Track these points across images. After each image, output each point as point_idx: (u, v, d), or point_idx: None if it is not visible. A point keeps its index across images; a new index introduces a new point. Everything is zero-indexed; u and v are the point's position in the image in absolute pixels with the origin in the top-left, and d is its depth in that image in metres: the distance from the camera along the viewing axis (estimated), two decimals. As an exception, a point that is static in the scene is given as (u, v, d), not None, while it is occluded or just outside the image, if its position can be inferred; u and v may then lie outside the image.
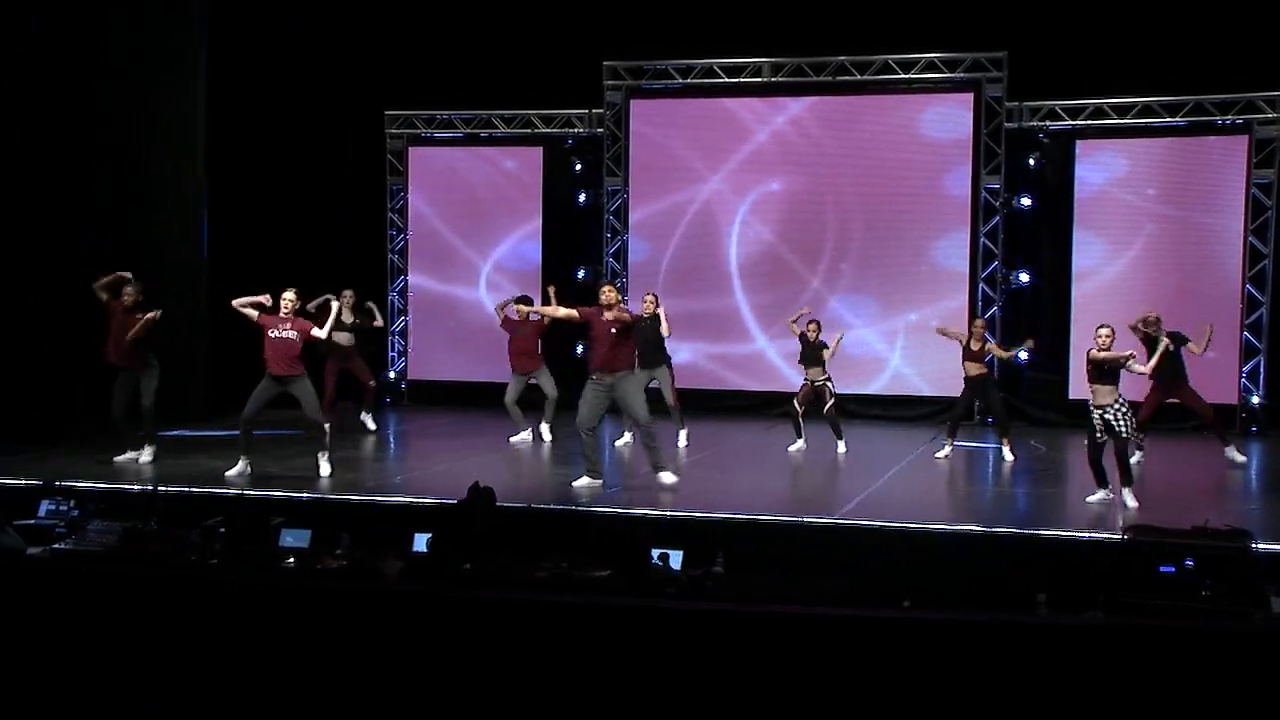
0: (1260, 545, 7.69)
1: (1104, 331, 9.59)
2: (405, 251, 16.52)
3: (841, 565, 8.33)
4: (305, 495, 9.60)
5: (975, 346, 11.89)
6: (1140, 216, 14.24)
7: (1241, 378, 13.81)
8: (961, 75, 14.52)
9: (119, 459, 11.04)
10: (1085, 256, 14.40)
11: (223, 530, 8.28)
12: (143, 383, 11.06)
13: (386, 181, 16.47)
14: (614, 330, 9.98)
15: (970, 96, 14.52)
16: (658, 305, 12.23)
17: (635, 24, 15.05)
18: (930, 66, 14.58)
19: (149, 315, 11.01)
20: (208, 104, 14.18)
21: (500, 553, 7.96)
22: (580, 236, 15.92)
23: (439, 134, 16.37)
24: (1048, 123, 14.43)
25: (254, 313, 10.60)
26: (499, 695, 4.08)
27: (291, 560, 8.20)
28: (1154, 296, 13.92)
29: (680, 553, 7.91)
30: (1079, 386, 13.87)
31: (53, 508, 9.02)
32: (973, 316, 13.84)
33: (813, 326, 12.30)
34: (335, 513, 9.25)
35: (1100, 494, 9.51)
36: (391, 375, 16.60)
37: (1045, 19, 13.98)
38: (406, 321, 16.59)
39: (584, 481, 10.00)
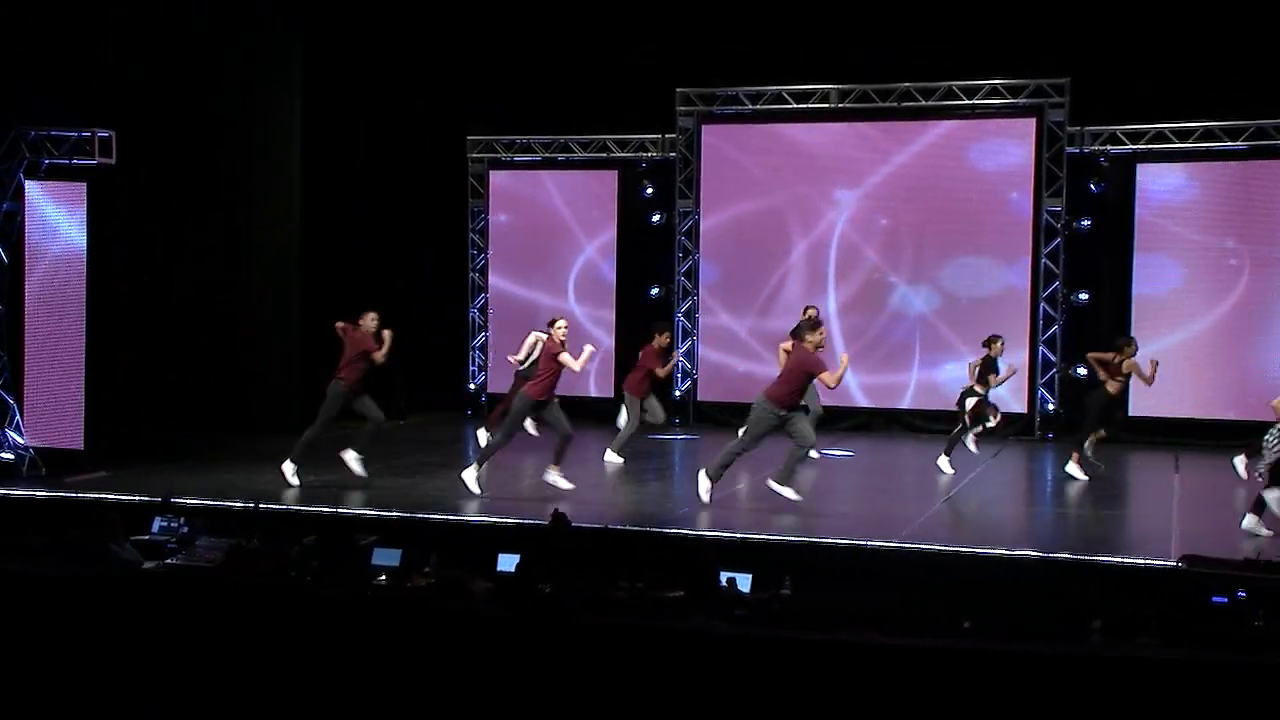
0: (1308, 575, 8.01)
1: None
2: (485, 270, 17.14)
3: (904, 587, 8.73)
4: (394, 514, 10.16)
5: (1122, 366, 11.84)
6: (1199, 239, 14.47)
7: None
8: (1024, 100, 14.82)
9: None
10: (1144, 278, 14.66)
11: (318, 548, 8.79)
12: (367, 403, 11.77)
13: (468, 203, 17.12)
14: (810, 374, 10.30)
15: (1033, 121, 14.83)
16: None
17: (707, 53, 15.61)
18: (994, 93, 14.90)
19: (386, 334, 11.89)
20: (303, 132, 14.93)
21: (580, 573, 8.46)
22: (653, 256, 16.45)
23: (518, 158, 16.98)
24: (1109, 147, 14.71)
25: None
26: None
27: (384, 578, 8.72)
28: (1212, 319, 14.20)
29: (749, 576, 8.37)
30: (1138, 403, 14.16)
31: (165, 524, 9.66)
32: (1035, 336, 14.17)
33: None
34: (423, 531, 9.80)
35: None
36: (472, 388, 17.25)
37: (1107, 44, 14.27)
38: (486, 337, 17.20)
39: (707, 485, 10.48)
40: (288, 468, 11.45)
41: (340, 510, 10.24)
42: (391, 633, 4.91)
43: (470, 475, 10.87)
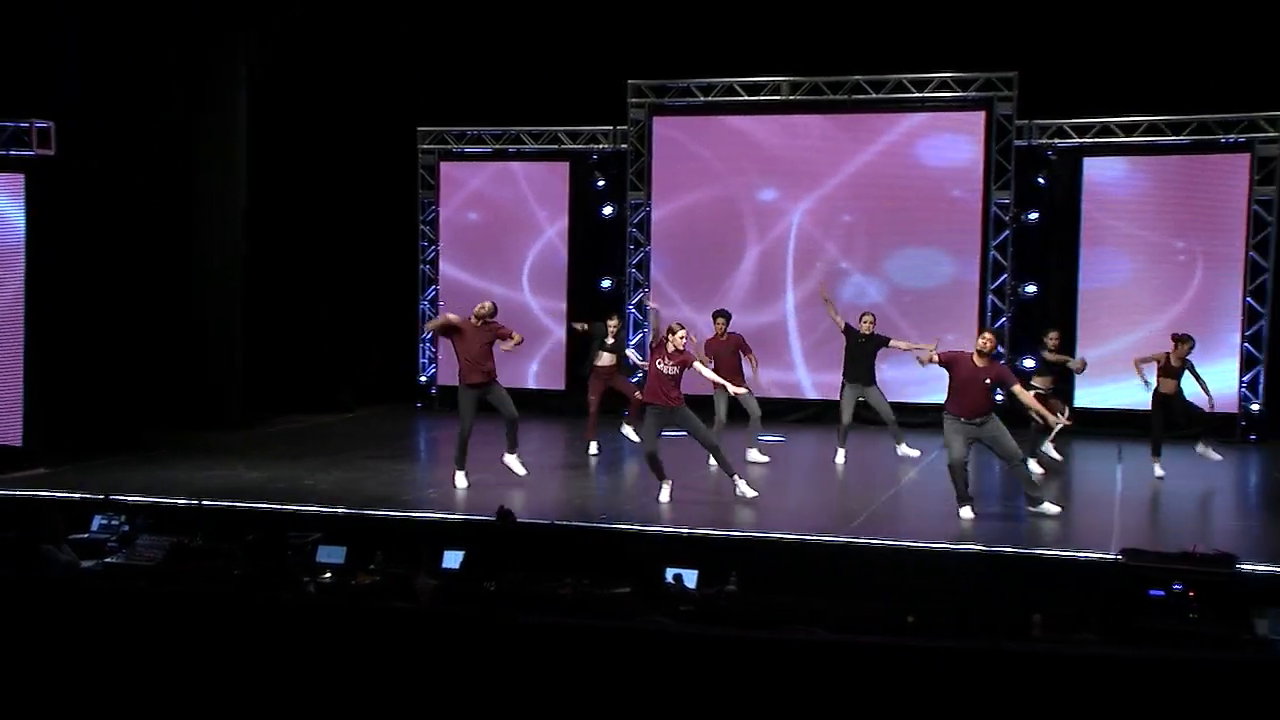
0: (1245, 567, 8.14)
1: None
2: (436, 262, 17.04)
3: (850, 581, 8.77)
4: (341, 510, 10.08)
5: (1175, 364, 11.81)
6: (1145, 231, 14.61)
7: (1242, 387, 14.23)
8: (973, 94, 14.90)
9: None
10: (1091, 270, 14.79)
11: (257, 545, 8.68)
12: (500, 395, 11.36)
13: (418, 195, 17.00)
14: (987, 380, 10.10)
15: (982, 115, 14.91)
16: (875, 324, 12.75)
17: (659, 44, 15.60)
18: (943, 86, 14.97)
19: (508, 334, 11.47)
20: (249, 123, 14.77)
21: (525, 570, 8.45)
22: (604, 248, 16.42)
23: (469, 149, 16.88)
24: (1056, 140, 14.83)
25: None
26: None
27: (329, 575, 8.66)
28: (1157, 309, 14.36)
29: (695, 572, 8.38)
30: (1086, 396, 14.34)
31: (105, 522, 9.56)
32: (982, 328, 14.27)
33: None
34: (370, 528, 9.74)
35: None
36: (422, 380, 17.15)
37: (1055, 40, 14.38)
38: (435, 329, 17.09)
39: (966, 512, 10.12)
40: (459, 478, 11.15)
41: (285, 507, 10.13)
42: (330, 634, 4.85)
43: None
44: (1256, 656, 6.16)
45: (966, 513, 9.97)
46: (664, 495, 10.49)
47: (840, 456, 12.71)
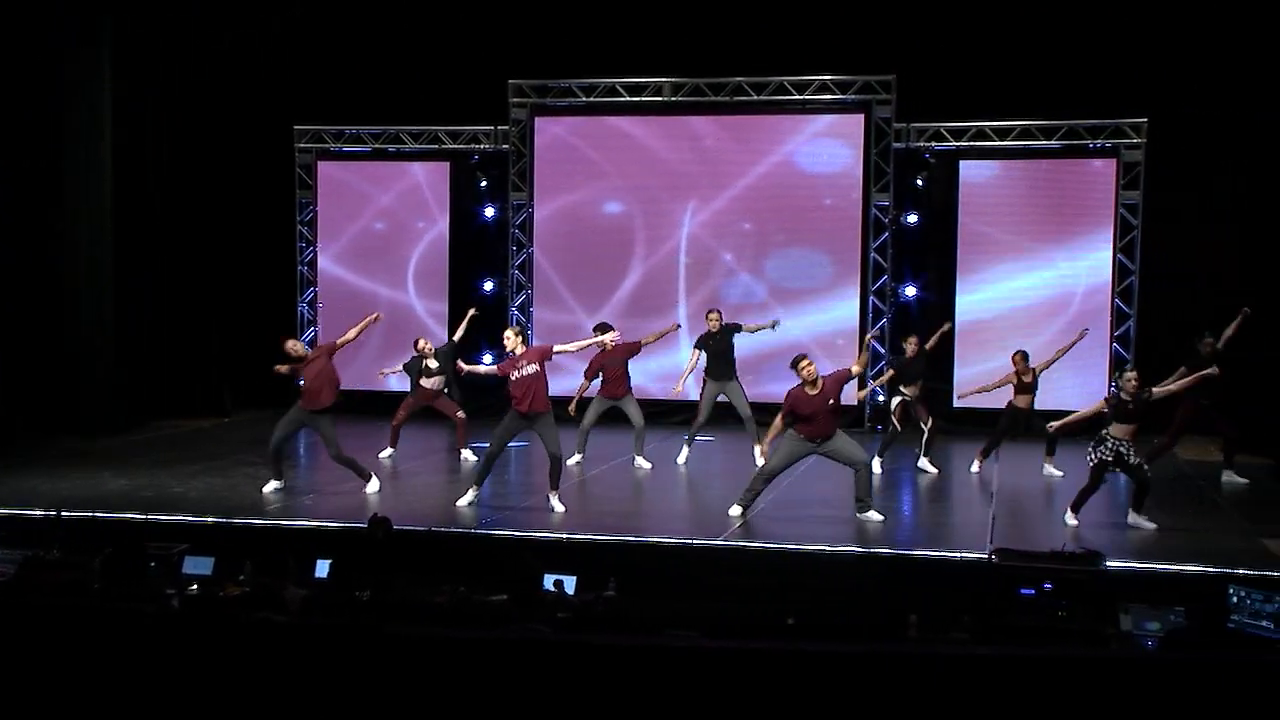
0: (1111, 564, 8.31)
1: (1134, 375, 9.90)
2: (314, 263, 16.68)
3: (730, 585, 8.76)
4: (209, 519, 9.77)
5: (1027, 379, 11.99)
6: (1019, 233, 14.92)
7: (1111, 386, 14.52)
8: (852, 97, 15.06)
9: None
10: (968, 271, 15.06)
11: (114, 558, 8.35)
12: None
13: (295, 195, 16.62)
14: (831, 401, 9.96)
15: (861, 117, 15.08)
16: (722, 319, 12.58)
17: (540, 44, 15.47)
18: (823, 88, 15.11)
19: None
20: (114, 120, 14.26)
21: (401, 577, 8.27)
22: (486, 250, 16.25)
23: (347, 149, 16.55)
24: (934, 143, 15.05)
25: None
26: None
27: (195, 587, 8.37)
28: (1031, 309, 14.67)
29: (574, 578, 8.28)
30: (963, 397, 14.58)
31: (-47, 535, 9.12)
32: (863, 330, 14.46)
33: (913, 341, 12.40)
34: (240, 537, 9.45)
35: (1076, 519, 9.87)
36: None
37: (932, 44, 14.60)
38: (316, 332, 16.74)
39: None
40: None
41: (150, 517, 9.79)
42: (188, 647, 4.67)
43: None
44: (1114, 653, 6.27)
45: (735, 511, 10.02)
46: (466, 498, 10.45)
47: (683, 455, 12.61)
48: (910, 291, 15.26)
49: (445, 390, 12.98)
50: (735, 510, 10.01)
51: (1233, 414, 11.70)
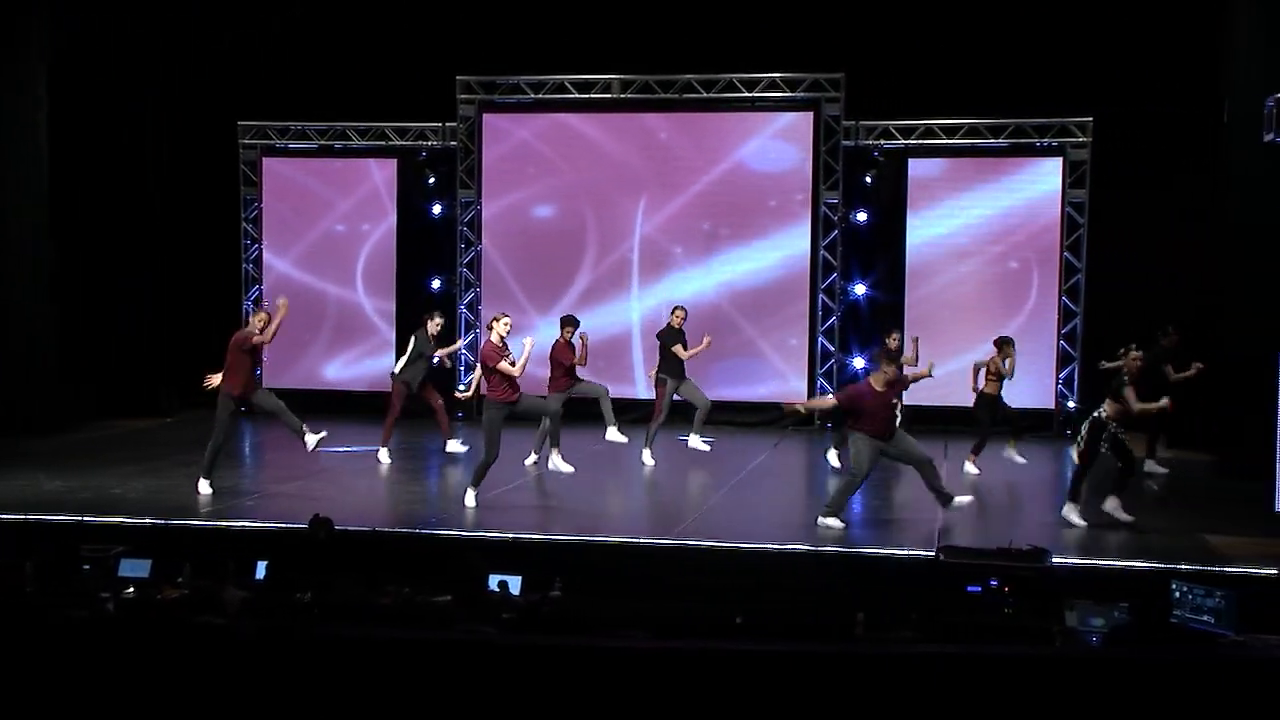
0: (1058, 560, 8.33)
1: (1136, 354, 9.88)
2: (260, 261, 16.46)
3: (677, 584, 8.69)
4: (147, 520, 9.58)
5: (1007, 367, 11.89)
6: (967, 232, 14.97)
7: (1058, 384, 14.68)
8: (802, 95, 15.05)
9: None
10: (917, 269, 15.08)
11: (47, 561, 8.18)
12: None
13: (240, 192, 16.38)
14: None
15: (810, 115, 15.07)
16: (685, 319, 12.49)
17: (488, 40, 15.33)
18: (772, 86, 15.09)
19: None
20: (50, 114, 13.98)
21: (343, 578, 8.14)
22: (435, 247, 16.09)
23: (293, 145, 16.34)
24: (882, 141, 15.07)
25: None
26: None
27: (131, 590, 8.19)
28: (979, 308, 14.73)
29: (519, 578, 8.18)
30: (913, 394, 14.57)
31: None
32: (814, 326, 14.47)
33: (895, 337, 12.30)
34: (178, 539, 9.28)
35: (1075, 508, 9.78)
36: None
37: (881, 43, 14.62)
38: (260, 330, 16.50)
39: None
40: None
41: (86, 519, 9.58)
42: (122, 652, 4.55)
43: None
44: (1057, 651, 6.28)
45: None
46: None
47: (648, 456, 12.43)
48: (860, 290, 15.27)
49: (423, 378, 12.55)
50: (834, 521, 9.65)
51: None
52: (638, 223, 15.58)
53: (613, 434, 11.44)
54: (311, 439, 10.79)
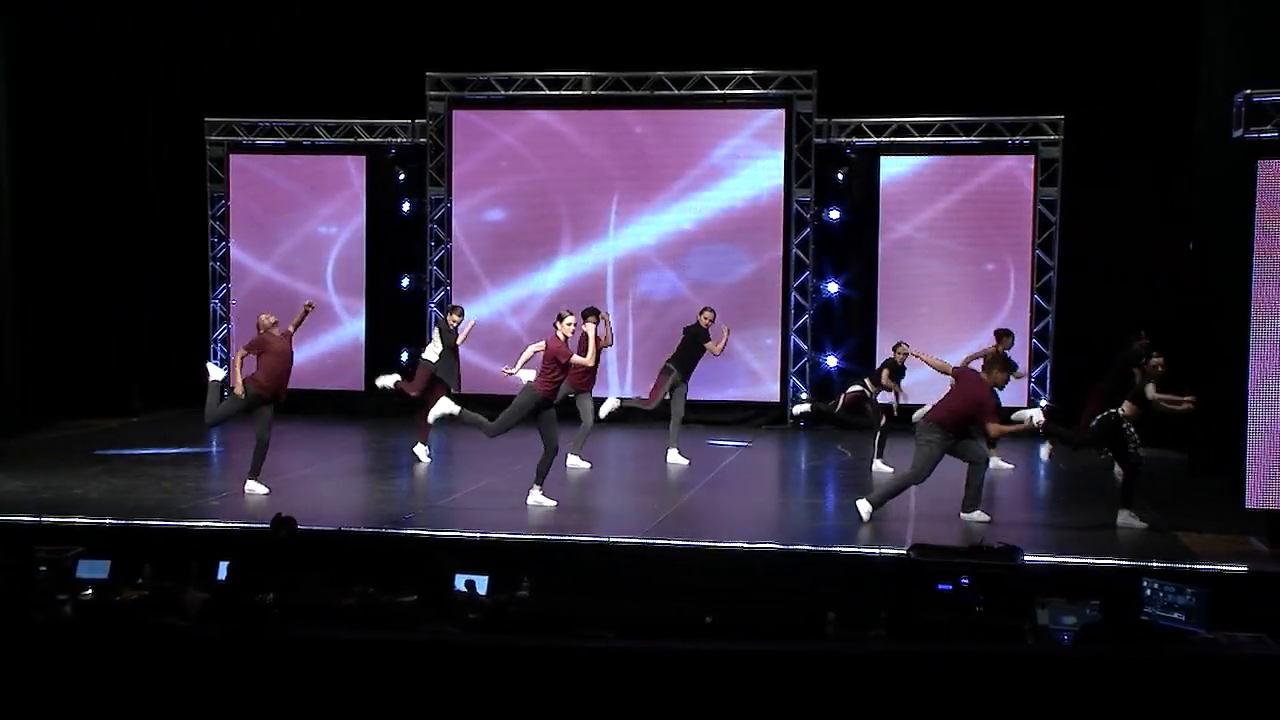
0: (1029, 558, 8.28)
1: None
2: (226, 259, 16.27)
3: (647, 583, 8.61)
4: (107, 521, 9.42)
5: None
6: (940, 230, 14.94)
7: (1030, 382, 14.65)
8: (774, 91, 14.99)
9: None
10: (889, 267, 15.04)
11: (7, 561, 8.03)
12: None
13: (207, 188, 16.19)
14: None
15: (782, 112, 15.00)
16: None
17: (458, 36, 15.21)
18: (744, 83, 15.01)
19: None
20: (10, 109, 13.76)
21: (308, 579, 8.02)
22: (404, 245, 15.94)
23: (260, 141, 16.15)
24: (855, 139, 15.02)
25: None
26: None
27: (89, 592, 8.05)
28: (951, 306, 14.70)
29: (486, 578, 8.08)
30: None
31: None
32: (786, 325, 14.43)
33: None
34: (139, 539, 9.12)
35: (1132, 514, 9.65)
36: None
37: (853, 40, 14.58)
38: (229, 329, 16.34)
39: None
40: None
41: (45, 519, 9.41)
42: (79, 655, 4.43)
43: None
44: (1029, 649, 6.23)
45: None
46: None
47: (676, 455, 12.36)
48: (833, 288, 15.22)
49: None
50: (868, 508, 9.72)
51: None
52: (610, 220, 15.47)
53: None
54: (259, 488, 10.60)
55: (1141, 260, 13.72)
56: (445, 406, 10.44)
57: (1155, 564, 8.28)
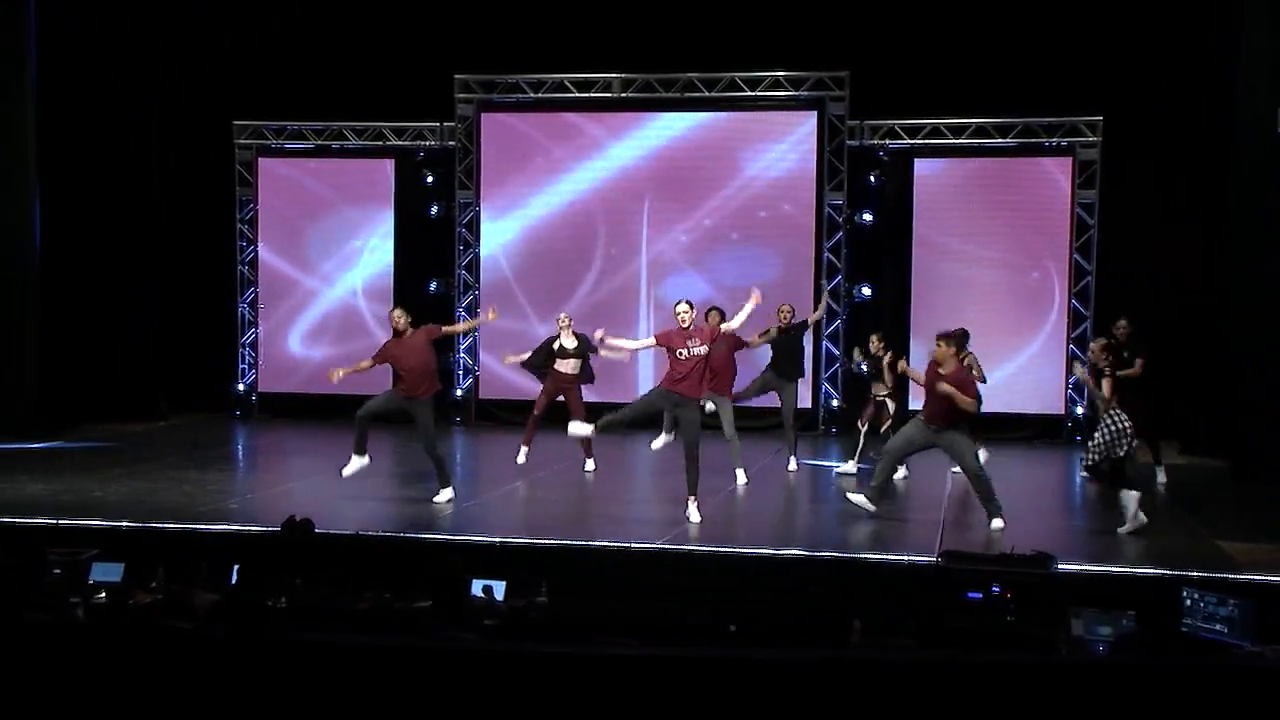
0: (1062, 566, 8.02)
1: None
2: (255, 263, 16.23)
3: (668, 589, 8.40)
4: (124, 524, 9.32)
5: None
6: (974, 233, 14.65)
7: (1068, 389, 14.33)
8: (805, 93, 14.77)
9: None
10: (922, 271, 14.77)
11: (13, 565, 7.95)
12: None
13: (235, 192, 16.16)
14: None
15: (814, 114, 14.78)
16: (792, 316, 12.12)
17: (487, 38, 15.10)
18: (775, 84, 14.82)
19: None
20: (39, 113, 13.79)
21: (322, 583, 7.88)
22: (432, 249, 15.82)
23: (289, 145, 16.10)
24: (888, 141, 14.78)
25: None
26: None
27: (103, 595, 7.96)
28: (987, 310, 14.41)
29: (503, 583, 7.91)
30: (917, 397, 14.25)
31: None
32: (819, 329, 14.21)
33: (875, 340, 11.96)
34: (154, 543, 9.01)
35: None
36: (241, 388, 16.31)
37: (886, 40, 14.35)
38: (257, 333, 16.29)
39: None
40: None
41: (62, 522, 9.32)
42: (89, 658, 4.31)
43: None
44: (1061, 658, 5.98)
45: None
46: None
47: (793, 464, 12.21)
48: (866, 291, 14.96)
49: (579, 375, 11.69)
50: (860, 498, 9.78)
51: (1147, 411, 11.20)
52: (643, 222, 15.28)
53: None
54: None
55: (1179, 263, 13.40)
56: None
57: (1195, 574, 7.97)
